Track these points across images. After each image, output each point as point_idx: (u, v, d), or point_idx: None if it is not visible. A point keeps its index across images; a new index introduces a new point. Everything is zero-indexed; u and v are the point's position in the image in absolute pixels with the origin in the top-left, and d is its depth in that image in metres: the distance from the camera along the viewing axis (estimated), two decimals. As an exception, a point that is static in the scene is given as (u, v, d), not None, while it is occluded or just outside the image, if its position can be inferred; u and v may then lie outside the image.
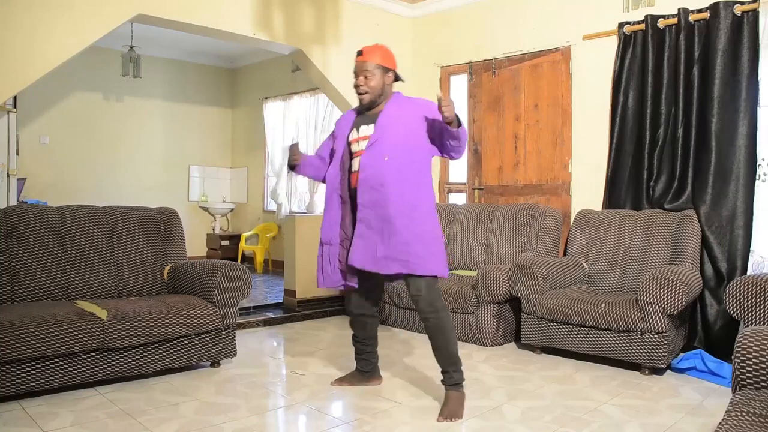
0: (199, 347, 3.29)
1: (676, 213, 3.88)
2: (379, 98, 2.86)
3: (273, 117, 7.71)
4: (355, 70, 2.86)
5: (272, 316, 4.77)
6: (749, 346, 1.91)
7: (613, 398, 2.99)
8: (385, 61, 2.85)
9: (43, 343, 2.72)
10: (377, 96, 2.85)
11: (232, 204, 8.47)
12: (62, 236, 3.44)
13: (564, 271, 3.97)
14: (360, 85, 2.84)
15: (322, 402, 2.91)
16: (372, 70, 2.82)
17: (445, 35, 5.44)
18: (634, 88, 4.17)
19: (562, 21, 4.59)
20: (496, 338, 4.04)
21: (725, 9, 3.69)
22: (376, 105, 2.88)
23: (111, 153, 7.49)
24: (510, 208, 4.64)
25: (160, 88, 7.94)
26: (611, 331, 3.45)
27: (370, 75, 2.82)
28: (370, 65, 2.82)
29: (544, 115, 4.74)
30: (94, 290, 3.44)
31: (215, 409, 2.76)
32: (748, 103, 3.64)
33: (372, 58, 2.83)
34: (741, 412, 1.69)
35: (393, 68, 2.89)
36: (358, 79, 2.84)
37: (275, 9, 4.72)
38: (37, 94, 6.50)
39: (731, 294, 2.81)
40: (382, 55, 2.85)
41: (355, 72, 2.86)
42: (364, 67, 2.83)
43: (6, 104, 4.42)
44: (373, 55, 2.84)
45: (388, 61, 2.87)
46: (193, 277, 3.50)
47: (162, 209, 3.89)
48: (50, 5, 3.73)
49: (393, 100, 2.89)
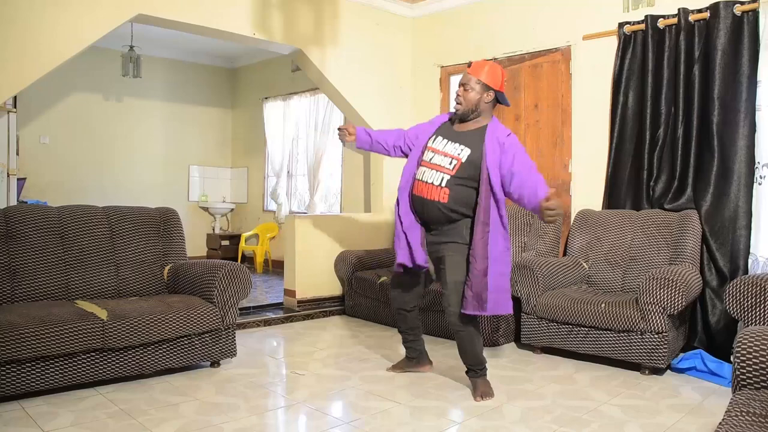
0: (199, 347, 3.28)
1: (676, 213, 3.88)
2: (471, 113, 2.92)
3: (273, 117, 7.71)
4: (460, 81, 2.96)
5: (272, 316, 4.77)
6: (749, 346, 1.91)
7: (613, 398, 2.99)
8: (490, 79, 2.90)
9: (43, 343, 2.72)
10: (470, 111, 2.92)
11: (232, 204, 8.47)
12: (62, 236, 3.44)
13: (564, 271, 3.97)
14: (458, 95, 2.93)
15: (322, 402, 2.91)
16: (472, 84, 2.89)
17: (445, 35, 5.44)
18: (634, 88, 4.17)
19: (562, 21, 4.59)
20: (496, 338, 4.04)
21: (725, 9, 3.69)
22: (467, 119, 2.95)
23: (111, 153, 7.49)
24: (510, 208, 4.63)
25: (160, 88, 7.94)
26: (611, 331, 3.45)
27: (470, 88, 2.90)
28: (473, 79, 2.90)
29: (544, 115, 4.74)
30: (94, 290, 3.44)
31: (215, 409, 2.76)
32: (749, 103, 3.64)
33: (477, 72, 2.91)
34: (741, 412, 1.69)
35: (496, 88, 2.92)
36: (459, 90, 2.94)
37: (274, 9, 4.72)
38: (37, 94, 6.50)
39: (731, 294, 2.81)
40: (488, 73, 2.90)
41: (459, 83, 2.96)
42: (466, 79, 2.92)
43: (6, 104, 4.42)
44: (479, 70, 2.91)
45: (493, 80, 2.91)
46: (193, 277, 3.50)
47: (162, 209, 3.89)
48: (50, 5, 3.74)
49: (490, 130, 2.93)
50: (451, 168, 2.89)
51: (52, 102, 6.97)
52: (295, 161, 7.57)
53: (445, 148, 2.94)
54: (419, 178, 2.98)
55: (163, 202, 6.69)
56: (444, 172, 2.89)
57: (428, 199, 2.93)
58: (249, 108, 8.34)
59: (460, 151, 2.90)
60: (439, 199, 2.89)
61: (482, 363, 3.03)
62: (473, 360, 3.02)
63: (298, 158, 7.55)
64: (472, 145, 2.89)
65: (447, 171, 2.89)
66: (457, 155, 2.90)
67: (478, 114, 2.93)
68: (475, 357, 3.02)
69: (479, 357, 3.02)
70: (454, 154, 2.90)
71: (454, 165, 2.88)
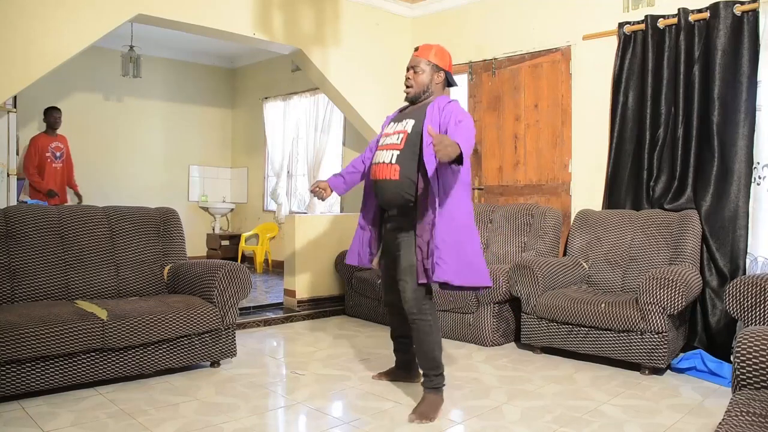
0: (199, 347, 3.28)
1: (676, 213, 3.88)
2: (423, 95, 2.84)
3: (273, 117, 7.71)
4: (408, 64, 2.87)
5: (272, 316, 4.77)
6: (749, 346, 1.91)
7: (613, 398, 2.99)
8: (439, 59, 2.84)
9: (43, 343, 2.72)
10: (422, 92, 2.84)
11: (232, 204, 8.47)
12: (62, 236, 3.44)
13: (564, 271, 3.97)
14: (408, 77, 2.84)
15: (322, 402, 2.91)
16: (422, 65, 2.82)
17: (445, 35, 5.43)
18: (634, 88, 4.17)
19: (562, 21, 4.59)
20: (496, 338, 4.04)
21: (725, 9, 3.69)
22: (418, 101, 2.86)
23: (111, 153, 7.49)
24: (510, 208, 4.64)
25: (160, 88, 7.93)
26: (611, 331, 3.45)
27: (420, 70, 2.82)
28: (422, 61, 2.82)
29: (544, 115, 4.74)
30: (94, 290, 3.44)
31: (215, 409, 2.76)
32: (749, 103, 3.63)
33: (425, 54, 2.84)
34: (741, 412, 1.69)
35: (446, 68, 2.87)
36: (408, 73, 2.85)
37: (275, 9, 4.72)
38: (37, 94, 6.49)
39: (731, 294, 2.81)
40: (436, 53, 2.85)
41: (407, 66, 2.87)
42: (415, 61, 2.84)
43: (6, 104, 4.41)
44: (427, 52, 2.84)
45: (442, 60, 2.86)
46: (193, 277, 3.50)
47: (162, 209, 3.89)
48: (50, 5, 3.73)
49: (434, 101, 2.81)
50: (399, 142, 2.79)
51: (52, 102, 6.94)
52: (295, 161, 7.57)
53: (395, 127, 2.87)
54: (374, 162, 2.89)
55: (163, 202, 6.68)
56: (394, 149, 2.79)
57: (381, 179, 2.81)
58: (249, 108, 8.34)
59: (405, 125, 2.82)
60: (390, 177, 2.77)
61: (438, 367, 2.78)
62: (427, 361, 2.77)
63: (298, 158, 7.55)
64: (417, 116, 2.81)
65: (396, 147, 2.79)
66: (403, 129, 2.81)
67: (429, 95, 2.85)
68: (430, 357, 2.76)
69: (436, 358, 2.77)
70: (402, 129, 2.82)
71: (401, 138, 2.79)
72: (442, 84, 2.90)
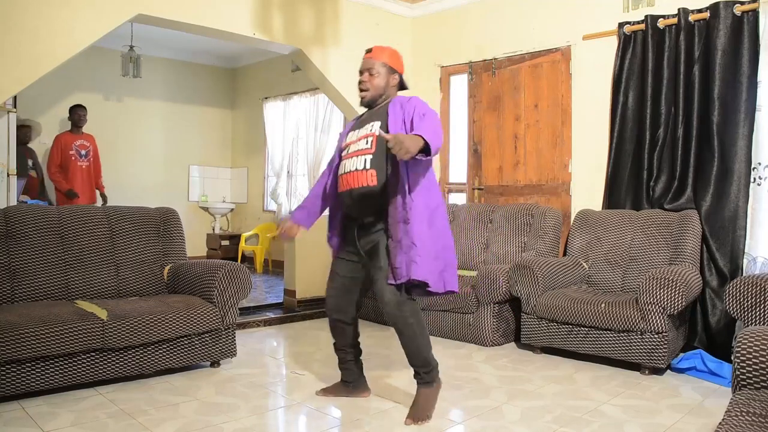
0: (199, 347, 3.28)
1: (676, 213, 3.88)
2: (379, 99, 2.79)
3: (273, 117, 7.71)
4: (361, 67, 2.80)
5: (272, 316, 4.77)
6: (749, 346, 1.91)
7: (613, 398, 2.99)
8: (393, 62, 2.80)
9: (43, 343, 2.72)
10: (378, 96, 2.78)
11: (232, 204, 8.47)
12: (62, 236, 3.44)
13: (564, 271, 3.97)
14: (363, 81, 2.78)
15: (322, 402, 2.91)
16: (378, 68, 2.76)
17: (445, 35, 5.44)
18: (634, 88, 4.17)
19: (562, 21, 4.59)
20: (496, 338, 4.04)
21: (725, 9, 3.69)
22: (375, 105, 2.81)
23: (111, 153, 7.47)
24: (510, 208, 4.64)
25: (160, 88, 7.94)
26: (611, 331, 3.45)
27: (375, 72, 2.76)
28: (377, 63, 2.77)
29: (544, 115, 4.74)
30: (94, 290, 3.44)
31: (215, 409, 2.76)
32: (749, 103, 3.63)
33: (380, 56, 2.78)
34: (741, 412, 1.69)
35: (399, 71, 2.83)
36: (362, 76, 2.78)
37: (275, 9, 4.72)
38: (37, 94, 6.49)
39: (731, 294, 2.81)
40: (390, 55, 2.81)
41: (361, 69, 2.80)
42: (369, 64, 2.77)
43: (6, 104, 4.41)
44: (381, 54, 2.79)
45: (396, 63, 2.82)
46: (193, 277, 3.50)
47: (162, 209, 3.89)
48: (50, 5, 3.73)
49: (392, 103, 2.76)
50: (370, 146, 2.69)
51: (52, 102, 6.96)
52: (295, 161, 7.57)
53: (359, 134, 2.79)
54: (341, 173, 2.78)
55: (163, 202, 6.67)
56: (365, 154, 2.69)
57: (356, 188, 2.67)
58: (249, 108, 8.35)
59: (371, 128, 2.73)
60: (367, 183, 2.64)
61: (429, 364, 2.69)
62: (416, 360, 2.68)
63: (298, 158, 7.55)
64: (380, 117, 2.74)
65: (367, 151, 2.69)
66: (370, 132, 2.73)
67: (386, 98, 2.80)
68: (418, 356, 2.68)
69: (425, 357, 2.68)
70: (368, 132, 2.74)
71: (371, 141, 2.70)
72: (397, 87, 2.85)
